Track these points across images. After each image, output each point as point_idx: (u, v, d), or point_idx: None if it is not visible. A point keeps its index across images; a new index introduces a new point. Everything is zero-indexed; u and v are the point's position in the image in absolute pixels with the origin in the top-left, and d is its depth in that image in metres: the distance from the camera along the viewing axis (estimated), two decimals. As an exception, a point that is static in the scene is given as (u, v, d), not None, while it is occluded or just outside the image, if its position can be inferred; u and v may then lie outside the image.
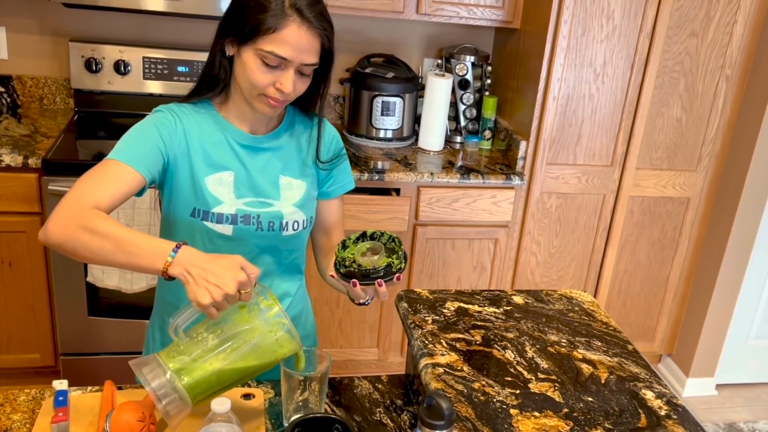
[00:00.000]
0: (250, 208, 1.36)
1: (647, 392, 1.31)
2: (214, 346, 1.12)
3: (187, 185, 1.34)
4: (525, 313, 1.53)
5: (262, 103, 1.30)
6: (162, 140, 1.30)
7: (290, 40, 1.23)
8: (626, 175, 2.88)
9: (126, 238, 1.12)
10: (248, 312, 1.14)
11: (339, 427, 1.11)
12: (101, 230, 1.12)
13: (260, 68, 1.25)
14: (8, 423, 1.21)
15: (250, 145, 1.38)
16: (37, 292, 2.53)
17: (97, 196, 1.19)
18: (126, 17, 2.83)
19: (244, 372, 1.14)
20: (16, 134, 2.55)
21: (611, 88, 2.73)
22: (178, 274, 1.09)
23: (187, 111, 1.36)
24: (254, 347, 1.13)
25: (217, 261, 1.09)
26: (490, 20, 2.83)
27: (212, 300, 1.06)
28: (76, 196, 1.18)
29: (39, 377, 2.70)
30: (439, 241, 2.78)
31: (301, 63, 1.26)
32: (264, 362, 1.15)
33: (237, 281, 1.07)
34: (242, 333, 1.13)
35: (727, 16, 2.71)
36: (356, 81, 2.88)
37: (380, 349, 2.95)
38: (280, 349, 1.15)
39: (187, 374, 1.10)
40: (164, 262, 1.09)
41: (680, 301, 3.18)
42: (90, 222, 1.13)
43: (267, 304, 1.14)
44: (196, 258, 1.09)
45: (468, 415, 1.19)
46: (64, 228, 1.14)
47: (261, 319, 1.14)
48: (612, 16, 2.62)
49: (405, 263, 1.27)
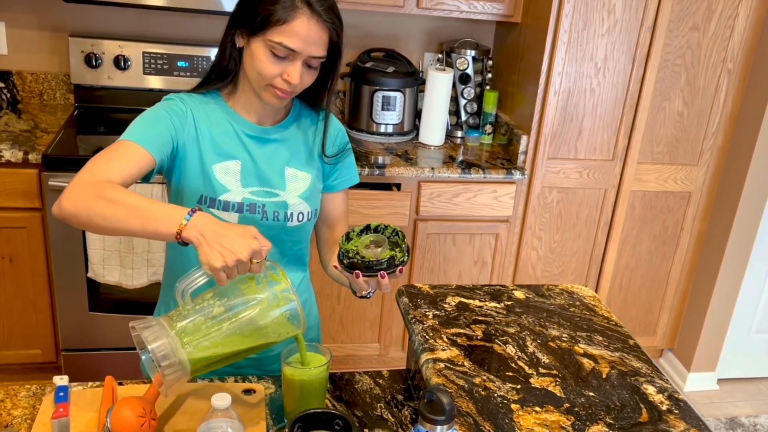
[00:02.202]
0: (256, 197, 1.38)
1: (649, 387, 1.30)
2: (219, 313, 1.12)
3: (195, 172, 1.35)
4: (526, 307, 1.53)
5: (269, 94, 1.32)
6: (173, 125, 1.32)
7: (299, 32, 1.25)
8: (627, 169, 2.87)
9: (140, 204, 1.13)
10: (257, 284, 1.13)
11: (340, 423, 1.11)
12: (116, 198, 1.14)
13: (269, 59, 1.27)
14: (9, 419, 1.21)
15: (258, 136, 1.40)
16: (38, 287, 2.53)
17: (110, 172, 1.20)
18: (126, 12, 2.82)
19: (244, 342, 1.13)
20: (16, 130, 2.55)
21: (612, 82, 2.72)
22: (192, 236, 1.09)
23: (197, 100, 1.38)
24: (258, 318, 1.12)
25: (232, 228, 1.10)
26: (490, 14, 2.82)
27: (224, 264, 1.06)
28: (90, 171, 1.19)
29: (40, 373, 2.70)
30: (440, 236, 2.78)
31: (309, 55, 1.28)
32: (266, 336, 1.14)
33: (251, 249, 1.07)
34: (248, 303, 1.12)
35: (728, 9, 2.70)
36: (357, 76, 2.87)
37: (381, 344, 2.95)
38: (284, 325, 1.14)
39: (189, 339, 1.09)
40: (179, 225, 1.10)
41: (681, 296, 3.18)
42: (104, 191, 1.15)
43: (276, 278, 1.14)
44: (211, 223, 1.10)
45: (469, 410, 1.19)
46: (79, 199, 1.15)
47: (269, 292, 1.13)
48: (613, 10, 2.61)
49: (408, 256, 1.27)
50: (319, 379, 1.21)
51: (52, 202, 2.35)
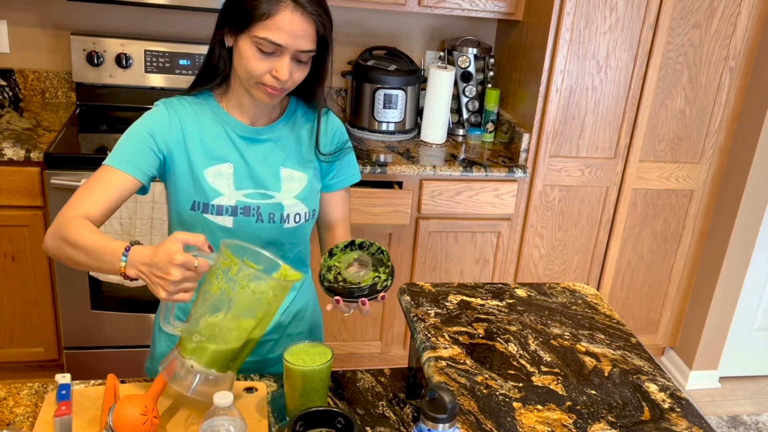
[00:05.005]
0: (249, 199, 1.37)
1: (650, 385, 1.30)
2: (209, 323, 1.14)
3: (186, 178, 1.34)
4: (528, 306, 1.53)
5: (259, 92, 1.30)
6: (153, 139, 1.32)
7: (284, 25, 1.23)
8: (629, 167, 2.87)
9: (92, 247, 1.18)
10: (215, 279, 1.13)
11: (342, 421, 1.11)
12: (73, 241, 1.19)
13: (256, 56, 1.26)
14: (11, 417, 1.21)
15: (250, 137, 1.38)
16: (40, 286, 2.54)
17: (87, 205, 1.25)
18: (127, 10, 2.82)
19: (248, 330, 1.15)
20: (18, 128, 2.55)
21: (614, 80, 2.72)
22: (135, 275, 1.13)
23: (187, 104, 1.37)
24: (238, 307, 1.13)
25: (158, 251, 1.10)
26: (492, 12, 2.81)
27: (167, 291, 1.08)
28: (68, 207, 1.25)
29: (43, 371, 2.71)
30: (442, 234, 2.78)
31: (297, 49, 1.26)
32: (260, 313, 1.15)
33: (175, 266, 1.07)
34: (219, 300, 1.13)
35: (731, 7, 2.69)
36: (358, 74, 2.87)
37: (383, 342, 2.95)
38: (264, 295, 1.14)
39: (200, 356, 1.15)
40: (120, 268, 1.14)
41: (683, 294, 3.18)
42: (66, 233, 1.20)
43: (226, 265, 1.12)
44: (142, 255, 1.12)
45: (471, 409, 1.19)
46: (51, 242, 1.24)
47: (227, 282, 1.12)
48: (615, 8, 2.60)
49: (392, 280, 1.24)
50: (321, 374, 1.21)
51: (54, 201, 2.36)
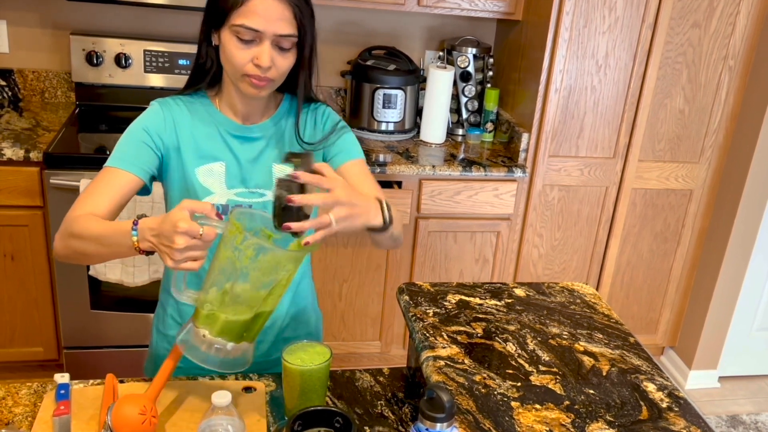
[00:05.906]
0: (241, 198, 1.37)
1: (649, 385, 1.30)
2: (218, 292, 1.13)
3: (178, 177, 1.36)
4: (526, 305, 1.53)
5: (245, 84, 1.30)
6: (150, 138, 1.33)
7: (257, 10, 1.23)
8: (629, 167, 2.87)
9: (101, 233, 1.18)
10: (224, 248, 1.12)
11: (340, 420, 1.11)
12: (80, 233, 1.20)
13: (237, 45, 1.26)
14: (10, 416, 1.21)
15: (241, 135, 1.39)
16: (40, 285, 2.54)
17: (92, 206, 1.25)
18: (127, 10, 2.82)
19: (258, 300, 1.14)
20: (17, 128, 2.55)
21: (613, 79, 2.72)
22: (148, 247, 1.13)
23: (181, 103, 1.38)
24: (244, 276, 1.12)
25: (165, 219, 1.08)
26: (491, 12, 2.82)
27: (173, 260, 1.07)
28: (73, 209, 1.26)
29: (42, 370, 2.71)
30: (441, 233, 2.78)
31: (275, 33, 1.25)
32: (268, 283, 1.14)
33: (180, 233, 1.05)
34: (227, 270, 1.12)
35: (730, 6, 2.69)
36: (357, 73, 2.87)
37: (382, 341, 2.95)
38: (270, 265, 1.12)
39: (212, 324, 1.14)
40: (133, 243, 1.13)
41: (683, 293, 3.18)
42: (73, 230, 1.21)
43: (233, 234, 1.10)
44: (151, 225, 1.11)
45: (469, 408, 1.19)
46: (60, 242, 1.24)
47: (233, 251, 1.11)
48: (614, 7, 2.60)
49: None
50: (320, 374, 1.21)
51: (53, 200, 2.36)
